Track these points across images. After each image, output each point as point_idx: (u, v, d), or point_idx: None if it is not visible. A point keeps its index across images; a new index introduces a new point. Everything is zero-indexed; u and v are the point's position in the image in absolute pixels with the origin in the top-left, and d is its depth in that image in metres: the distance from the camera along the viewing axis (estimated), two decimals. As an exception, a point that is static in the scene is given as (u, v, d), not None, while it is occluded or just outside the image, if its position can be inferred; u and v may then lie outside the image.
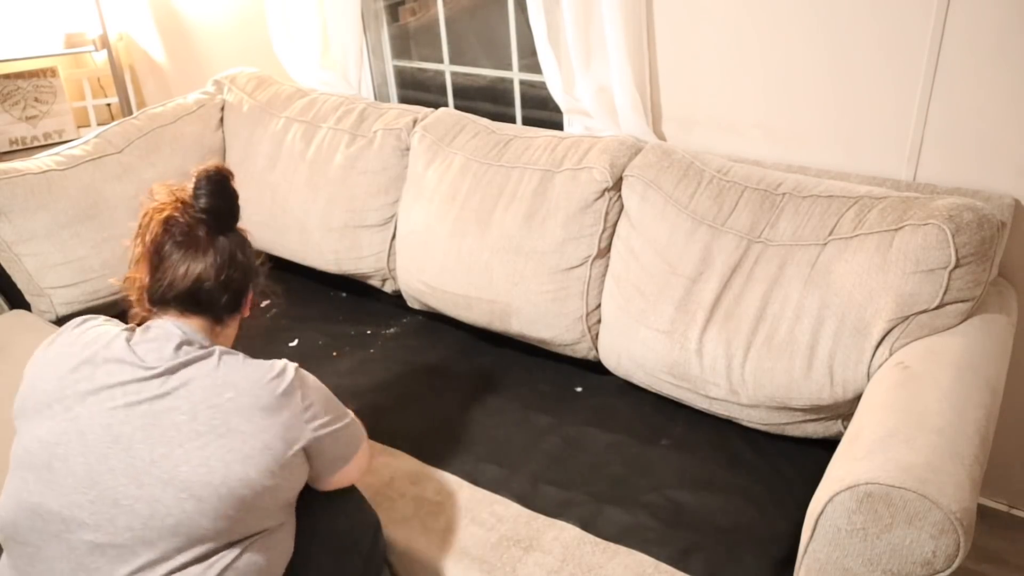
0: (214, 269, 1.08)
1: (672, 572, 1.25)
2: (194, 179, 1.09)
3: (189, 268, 1.06)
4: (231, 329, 1.16)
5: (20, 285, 1.97)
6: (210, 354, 1.04)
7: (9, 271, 1.96)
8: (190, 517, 0.96)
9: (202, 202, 1.08)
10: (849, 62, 1.58)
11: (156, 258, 1.07)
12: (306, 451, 1.06)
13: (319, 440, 1.07)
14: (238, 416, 1.00)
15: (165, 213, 1.07)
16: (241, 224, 1.16)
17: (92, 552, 0.97)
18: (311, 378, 1.11)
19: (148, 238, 1.07)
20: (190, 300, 1.07)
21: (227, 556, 1.00)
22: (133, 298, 1.12)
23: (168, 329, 1.04)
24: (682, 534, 1.32)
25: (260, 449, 1.00)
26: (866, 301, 1.36)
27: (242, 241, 1.14)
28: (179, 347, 1.03)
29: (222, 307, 1.10)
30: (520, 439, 1.57)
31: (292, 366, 1.07)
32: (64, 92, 2.96)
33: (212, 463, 0.97)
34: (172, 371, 1.01)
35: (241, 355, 1.06)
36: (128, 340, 1.03)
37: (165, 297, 1.07)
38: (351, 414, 1.17)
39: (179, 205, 1.08)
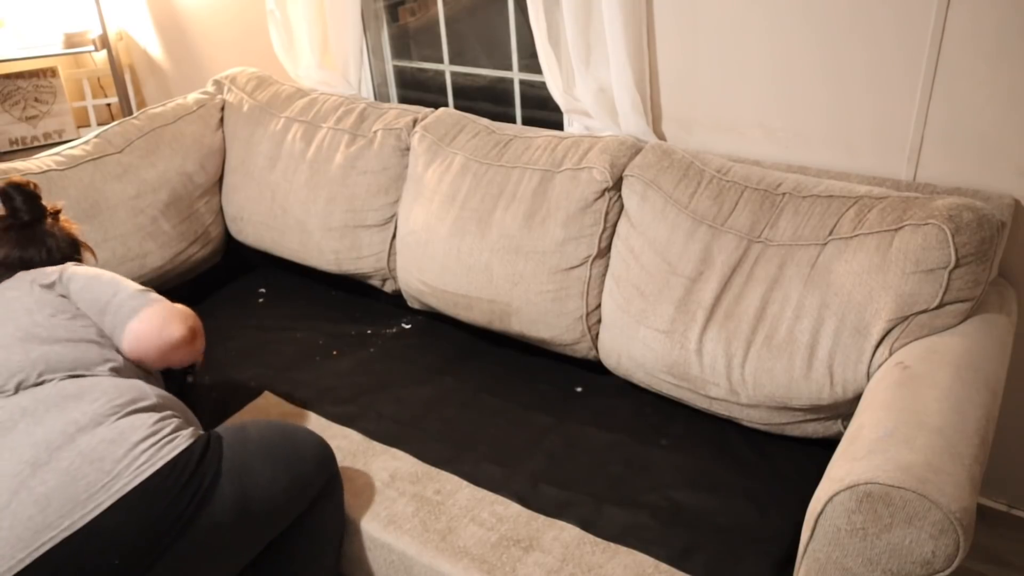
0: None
1: (672, 572, 1.25)
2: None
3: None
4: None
5: (20, 285, 1.97)
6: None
7: (9, 271, 1.96)
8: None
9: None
10: (849, 62, 1.58)
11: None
12: (67, 293, 1.41)
13: (72, 279, 1.43)
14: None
15: None
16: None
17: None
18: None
19: None
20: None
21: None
22: None
23: None
24: (682, 534, 1.32)
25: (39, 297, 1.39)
26: (866, 301, 1.36)
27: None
28: None
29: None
30: (520, 439, 1.57)
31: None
32: (64, 92, 2.96)
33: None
34: None
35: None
36: None
37: None
38: (131, 289, 1.46)
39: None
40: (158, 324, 1.40)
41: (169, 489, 1.16)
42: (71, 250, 1.56)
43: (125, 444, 1.17)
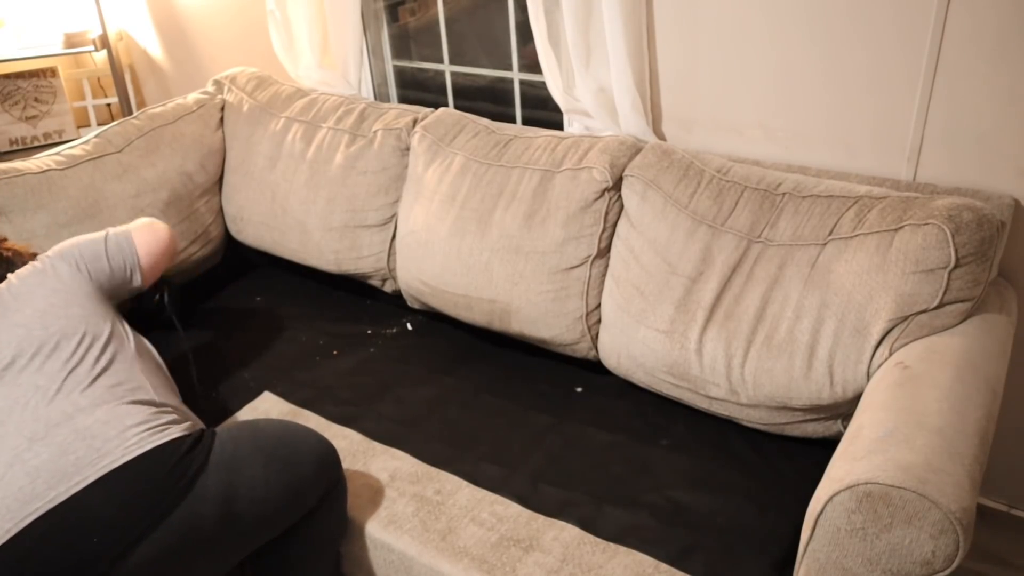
0: None
1: (672, 572, 1.25)
2: None
3: None
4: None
5: (20, 285, 1.97)
6: None
7: (9, 271, 1.96)
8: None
9: None
10: (849, 62, 1.59)
11: None
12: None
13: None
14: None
15: None
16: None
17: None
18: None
19: None
20: None
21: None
22: None
23: None
24: (682, 534, 1.32)
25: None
26: (866, 301, 1.36)
27: None
28: None
29: None
30: (520, 439, 1.57)
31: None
32: (64, 92, 2.96)
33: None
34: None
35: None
36: None
37: None
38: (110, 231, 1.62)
39: None
40: (151, 236, 1.65)
41: (153, 473, 1.18)
42: None
43: (119, 426, 1.22)
